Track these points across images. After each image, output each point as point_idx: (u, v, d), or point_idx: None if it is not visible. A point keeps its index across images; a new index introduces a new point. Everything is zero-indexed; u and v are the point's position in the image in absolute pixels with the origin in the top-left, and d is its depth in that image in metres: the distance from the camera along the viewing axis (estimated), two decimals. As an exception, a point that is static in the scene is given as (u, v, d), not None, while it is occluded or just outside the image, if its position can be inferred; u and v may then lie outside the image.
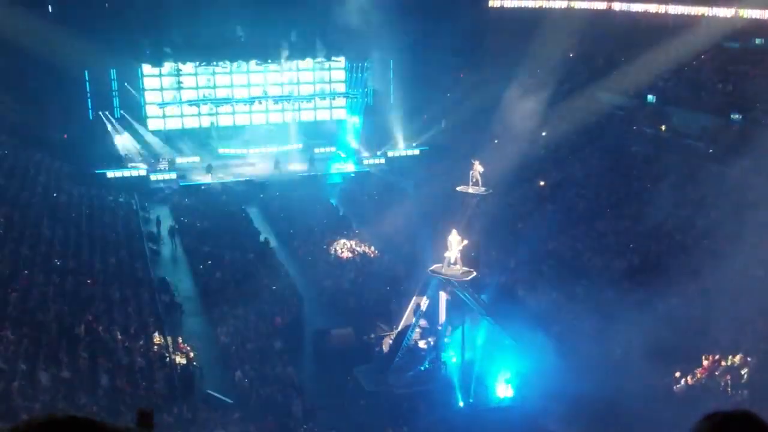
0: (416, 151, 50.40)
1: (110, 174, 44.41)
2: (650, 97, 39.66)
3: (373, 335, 26.70)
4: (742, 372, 21.54)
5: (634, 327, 23.20)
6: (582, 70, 42.71)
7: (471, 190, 25.26)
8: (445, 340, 25.45)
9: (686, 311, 23.83)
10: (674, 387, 21.99)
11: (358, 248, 34.63)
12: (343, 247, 34.56)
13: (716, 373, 21.89)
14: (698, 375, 22.10)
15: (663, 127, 37.83)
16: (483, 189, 25.35)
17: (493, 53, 41.20)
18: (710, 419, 2.32)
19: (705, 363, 22.29)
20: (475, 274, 23.09)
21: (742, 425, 2.30)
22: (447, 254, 22.90)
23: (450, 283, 23.33)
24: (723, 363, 22.07)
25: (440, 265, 23.34)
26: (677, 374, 22.13)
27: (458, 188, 25.80)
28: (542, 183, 38.16)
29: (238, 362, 24.73)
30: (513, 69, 42.53)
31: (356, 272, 32.03)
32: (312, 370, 26.50)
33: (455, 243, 22.74)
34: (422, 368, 24.80)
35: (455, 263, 22.96)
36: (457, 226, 23.60)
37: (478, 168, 25.12)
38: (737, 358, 21.99)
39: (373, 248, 34.74)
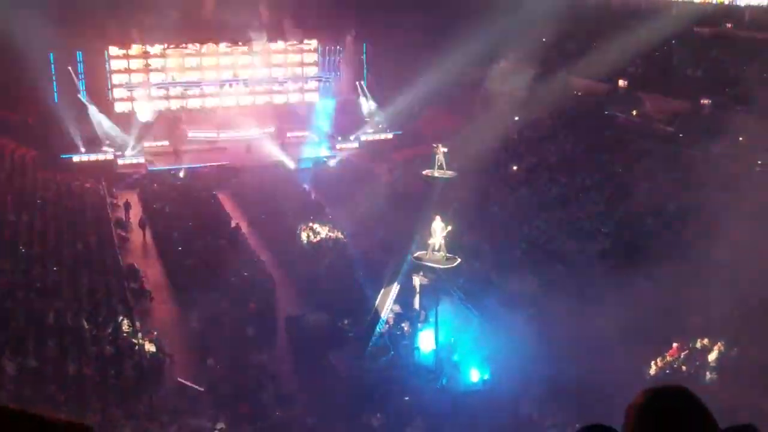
0: (390, 136, 50.32)
1: (77, 159, 43.86)
2: (621, 82, 39.97)
3: (347, 321, 26.70)
4: (711, 355, 21.89)
5: (608, 310, 23.23)
6: (555, 55, 42.87)
7: (436, 174, 25.30)
8: (419, 324, 25.54)
9: (658, 295, 24.02)
10: (644, 369, 22.26)
11: (331, 233, 34.57)
12: (317, 233, 34.51)
13: (685, 356, 22.22)
14: (668, 358, 22.43)
15: (635, 112, 38.16)
16: (449, 173, 25.38)
17: (466, 38, 41.12)
18: (646, 393, 2.44)
19: (675, 346, 22.63)
20: (459, 261, 23.15)
21: (676, 399, 2.40)
22: (431, 241, 22.93)
23: (434, 270, 23.36)
24: (692, 346, 22.41)
25: (424, 252, 23.35)
26: (647, 357, 22.39)
27: (423, 173, 25.85)
28: (515, 167, 38.30)
29: (210, 349, 24.59)
30: (487, 53, 42.58)
31: (330, 258, 31.98)
32: (286, 356, 26.45)
33: (439, 229, 22.78)
34: (396, 353, 24.89)
35: (439, 250, 23.00)
36: (429, 211, 23.64)
37: (441, 151, 25.14)
38: (706, 341, 22.35)
39: (347, 233, 34.70)
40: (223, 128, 49.45)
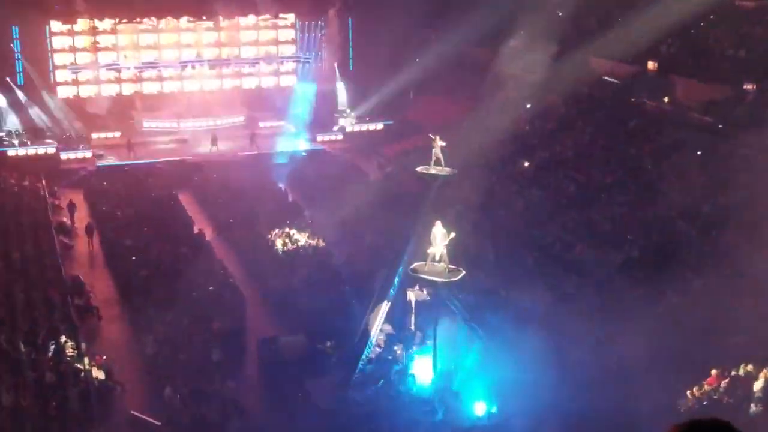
0: (379, 126, 50.34)
1: (12, 152, 43.68)
2: (650, 64, 39.97)
3: (329, 343, 26.58)
4: (756, 384, 21.80)
5: (634, 330, 23.34)
6: (572, 32, 42.86)
7: (432, 170, 25.10)
8: (414, 348, 25.38)
9: (692, 313, 24.00)
10: (678, 401, 22.18)
11: (311, 241, 34.53)
12: (294, 240, 34.44)
13: (726, 385, 22.13)
14: (706, 387, 22.33)
15: (666, 99, 38.19)
16: (447, 169, 25.22)
17: (469, 12, 41.11)
18: (680, 428, 2.57)
19: (713, 373, 22.52)
20: (463, 273, 23.02)
21: None
22: (430, 250, 22.70)
23: (434, 284, 23.21)
24: (734, 373, 22.32)
25: (422, 263, 23.17)
26: (683, 386, 22.33)
27: (417, 169, 25.69)
28: (526, 163, 38.30)
29: (168, 376, 24.50)
30: (493, 30, 42.54)
31: (309, 269, 31.87)
32: (256, 385, 26.37)
33: (439, 236, 22.54)
34: (387, 381, 24.73)
35: (440, 260, 22.82)
36: (426, 215, 23.51)
37: (438, 144, 24.97)
38: (750, 367, 22.25)
39: (329, 240, 34.65)
40: (185, 117, 49.39)
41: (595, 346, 23.68)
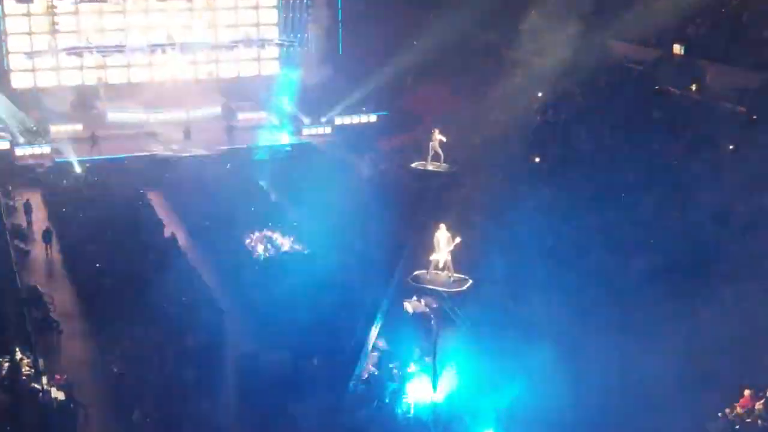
0: (373, 118, 50.49)
1: (-41, 148, 43.72)
2: (677, 48, 40.02)
3: (316, 361, 26.60)
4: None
5: (660, 346, 23.55)
6: (590, 12, 42.97)
7: (430, 167, 25.21)
8: (412, 366, 25.41)
9: (725, 326, 24.06)
10: (709, 424, 22.31)
11: (296, 246, 34.55)
12: (277, 245, 34.42)
13: (762, 406, 22.25)
14: (738, 409, 22.43)
15: (694, 87, 38.21)
16: (446, 166, 25.32)
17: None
18: None
19: (747, 393, 22.65)
20: (471, 282, 23.18)
21: None
22: (433, 257, 22.81)
23: (437, 295, 23.32)
24: (769, 394, 22.50)
25: (423, 271, 23.32)
26: (713, 408, 22.45)
27: (413, 165, 25.77)
28: (538, 159, 38.34)
29: (136, 398, 24.50)
30: (501, 9, 42.70)
31: (294, 278, 31.62)
32: (234, 406, 26.11)
33: (444, 242, 22.66)
34: (381, 403, 24.77)
35: (444, 269, 22.97)
36: (424, 217, 23.55)
37: (438, 138, 25.06)
38: (788, 389, 22.42)
39: (316, 246, 34.66)
40: (155, 108, 49.51)
41: (616, 365, 23.76)
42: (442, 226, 22.73)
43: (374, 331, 24.85)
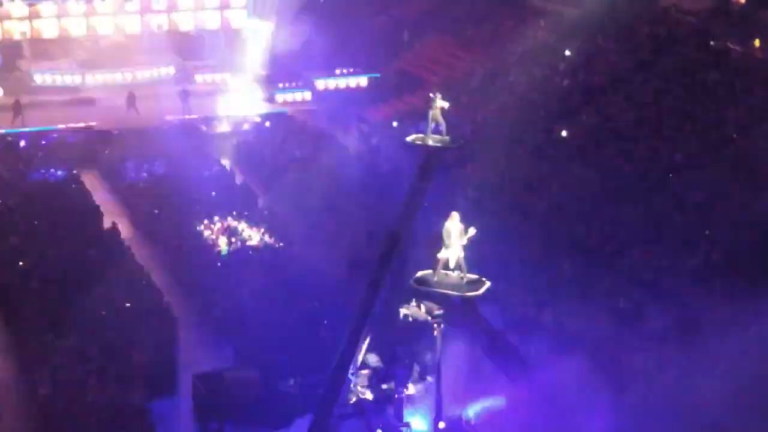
0: (363, 81, 50.40)
1: None
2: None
3: (292, 381, 26.37)
4: None
5: (717, 361, 23.36)
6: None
7: (430, 141, 24.80)
8: (411, 386, 25.18)
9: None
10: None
11: (267, 239, 34.52)
12: (243, 238, 34.41)
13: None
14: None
15: (756, 43, 38.05)
16: (449, 139, 24.93)
17: None
18: None
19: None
20: (488, 285, 22.78)
21: None
22: (442, 254, 22.34)
23: (446, 301, 22.80)
24: None
25: (429, 271, 22.83)
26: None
27: (409, 139, 25.38)
28: (565, 132, 38.12)
29: (71, 427, 24.27)
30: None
31: (264, 278, 31.65)
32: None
33: (455, 234, 22.20)
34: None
35: (455, 268, 22.55)
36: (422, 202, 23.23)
37: (439, 105, 24.62)
38: None
39: (291, 239, 34.65)
40: (93, 69, 49.33)
41: (664, 385, 23.59)
42: (455, 216, 22.27)
43: (364, 344, 24.41)
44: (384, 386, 25.23)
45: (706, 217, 30.45)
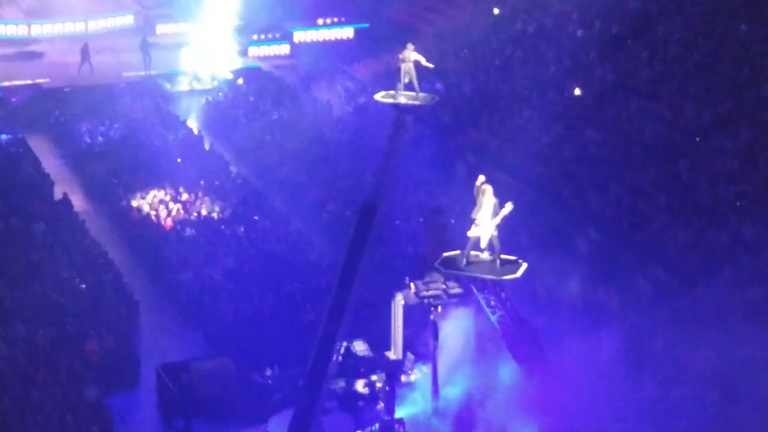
0: (349, 32, 50.62)
1: None
2: None
3: (269, 372, 26.56)
4: None
5: (743, 351, 23.50)
6: None
7: (401, 98, 24.80)
8: (403, 378, 25.58)
9: None
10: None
11: (241, 211, 34.64)
12: (214, 209, 34.59)
13: None
14: None
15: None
16: (423, 96, 24.96)
17: None
18: None
19: None
20: (525, 266, 22.72)
21: None
22: (472, 232, 22.14)
23: (485, 286, 22.75)
24: None
25: (457, 252, 22.83)
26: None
27: (377, 96, 25.38)
28: (578, 90, 38.21)
29: (17, 425, 24.20)
30: None
31: (238, 256, 31.98)
32: (155, 433, 26.36)
33: (488, 207, 22.00)
34: (360, 428, 24.75)
35: (488, 248, 22.52)
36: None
37: (412, 57, 24.65)
38: None
39: (268, 212, 34.83)
40: (40, 18, 49.24)
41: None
42: (488, 189, 21.84)
43: (347, 330, 24.51)
44: (373, 378, 25.76)
45: (737, 187, 30.62)
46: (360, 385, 25.71)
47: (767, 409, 22.34)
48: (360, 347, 25.88)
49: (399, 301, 24.50)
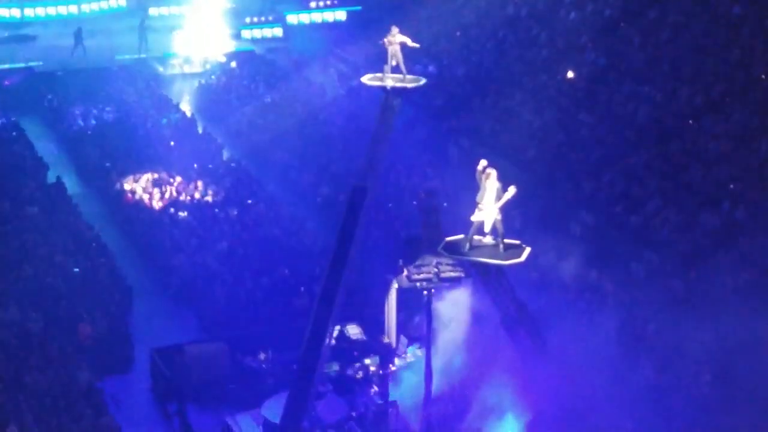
0: (341, 15, 50.60)
1: None
2: None
3: (263, 356, 26.53)
4: None
5: (739, 339, 23.49)
6: None
7: (389, 80, 24.63)
8: (397, 362, 25.55)
9: None
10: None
11: (235, 194, 34.65)
12: (208, 193, 34.64)
13: None
14: None
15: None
16: (411, 78, 24.83)
17: None
18: None
19: None
20: (528, 250, 22.63)
21: None
22: (476, 216, 22.01)
23: (488, 272, 22.62)
24: None
25: (461, 236, 22.65)
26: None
27: (364, 79, 25.25)
28: (570, 74, 38.13)
29: (10, 409, 24.03)
30: None
31: (231, 240, 31.98)
32: (148, 420, 26.29)
33: (492, 191, 21.90)
34: (356, 413, 24.74)
35: (491, 231, 22.32)
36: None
37: (398, 40, 24.49)
38: None
39: (261, 197, 34.82)
40: (33, 1, 49.17)
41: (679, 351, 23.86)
42: (492, 173, 21.76)
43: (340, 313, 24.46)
44: (367, 362, 25.69)
45: (730, 170, 30.57)
46: (353, 369, 25.60)
47: (761, 391, 22.33)
48: (353, 331, 25.87)
49: (392, 284, 24.48)
